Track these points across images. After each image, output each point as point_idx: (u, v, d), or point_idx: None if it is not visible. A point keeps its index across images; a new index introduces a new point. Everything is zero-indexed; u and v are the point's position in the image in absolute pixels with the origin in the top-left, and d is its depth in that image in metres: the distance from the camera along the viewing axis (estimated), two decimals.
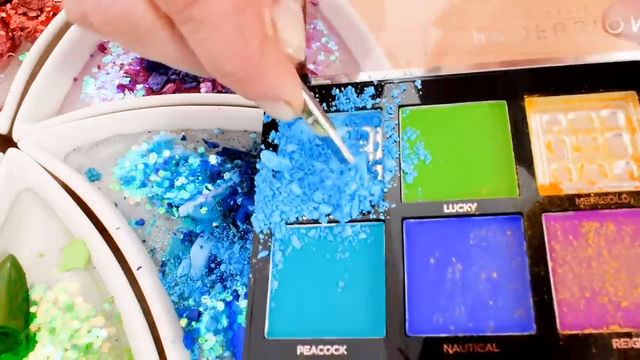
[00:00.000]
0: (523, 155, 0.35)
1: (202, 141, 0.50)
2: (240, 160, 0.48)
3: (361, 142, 0.40)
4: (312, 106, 0.32)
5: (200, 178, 0.47)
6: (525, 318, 0.31)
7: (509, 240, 0.33)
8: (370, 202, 0.36)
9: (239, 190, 0.46)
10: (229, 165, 0.48)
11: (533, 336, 0.31)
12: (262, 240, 0.37)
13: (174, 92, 0.52)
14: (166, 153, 0.48)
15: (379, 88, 0.40)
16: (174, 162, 0.48)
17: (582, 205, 0.33)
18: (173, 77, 0.53)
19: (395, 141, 0.38)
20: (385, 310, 0.33)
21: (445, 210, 0.35)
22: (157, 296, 0.43)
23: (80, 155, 0.50)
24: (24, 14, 0.55)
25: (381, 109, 0.39)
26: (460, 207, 0.34)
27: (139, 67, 0.54)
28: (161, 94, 0.52)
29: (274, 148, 0.40)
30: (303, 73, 0.41)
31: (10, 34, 0.55)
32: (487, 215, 0.34)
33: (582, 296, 0.31)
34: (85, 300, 0.45)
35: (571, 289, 0.32)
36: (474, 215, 0.34)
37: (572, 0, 0.40)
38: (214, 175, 0.47)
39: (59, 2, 0.56)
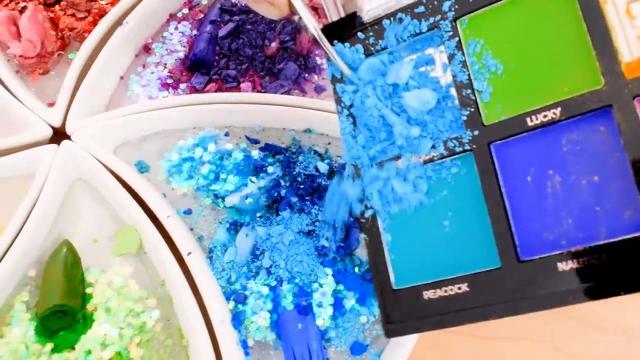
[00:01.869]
0: (599, 34, 0.31)
1: (244, 137, 0.53)
2: (281, 155, 0.51)
3: (429, 68, 0.38)
4: (300, 6, 0.35)
5: (244, 171, 0.50)
6: (636, 218, 0.29)
7: (603, 138, 0.30)
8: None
9: (282, 182, 0.49)
10: (270, 160, 0.51)
11: None
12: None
13: (215, 92, 0.55)
14: (211, 147, 0.51)
15: (429, 5, 0.37)
16: (218, 156, 0.51)
17: None
18: (215, 77, 0.56)
19: (460, 62, 0.36)
20: (495, 240, 0.33)
21: (530, 123, 0.32)
22: (207, 280, 0.47)
23: (129, 148, 0.53)
24: (73, 15, 0.58)
25: (438, 27, 0.36)
26: (544, 116, 0.32)
27: (182, 67, 0.57)
28: (203, 92, 0.56)
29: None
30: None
31: (59, 33, 0.58)
32: (574, 117, 0.31)
33: None
34: (138, 283, 0.48)
35: None
36: (560, 120, 0.31)
37: None
38: (257, 169, 0.50)
39: (105, 4, 0.59)
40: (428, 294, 0.34)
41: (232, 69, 0.56)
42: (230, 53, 0.57)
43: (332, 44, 0.40)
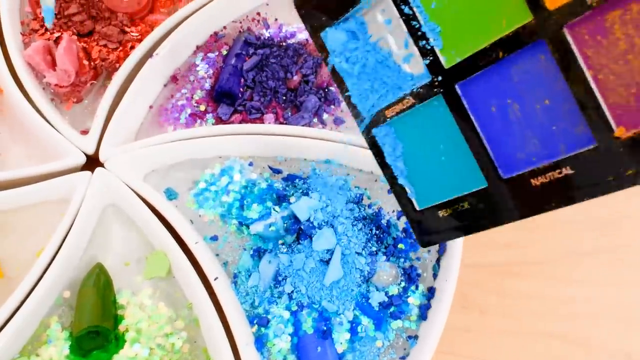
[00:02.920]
0: None
1: (268, 167, 0.56)
2: (303, 185, 0.54)
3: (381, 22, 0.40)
4: None
5: (267, 200, 0.53)
6: (585, 132, 0.32)
7: (545, 65, 0.33)
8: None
9: None
10: (292, 190, 0.54)
11: (596, 148, 0.31)
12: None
13: (240, 122, 0.59)
14: (237, 177, 0.54)
15: None
16: (243, 185, 0.54)
17: (595, 1, 0.30)
18: (239, 108, 0.59)
19: (409, 15, 0.38)
20: (478, 165, 0.37)
21: (480, 63, 0.35)
22: (232, 304, 0.49)
23: (158, 176, 0.56)
24: (105, 45, 0.62)
25: None
26: (489, 55, 0.34)
27: (208, 98, 0.60)
28: (229, 123, 0.59)
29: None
30: None
31: (92, 63, 0.61)
32: (514, 52, 0.33)
33: (630, 94, 0.30)
34: (167, 306, 0.51)
35: (616, 90, 0.30)
36: (504, 57, 0.34)
37: None
38: (280, 198, 0.53)
39: (136, 36, 0.62)
40: (441, 212, 0.40)
41: (256, 101, 0.59)
42: (255, 85, 0.60)
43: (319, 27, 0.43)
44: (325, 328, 0.49)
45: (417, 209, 0.42)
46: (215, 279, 0.50)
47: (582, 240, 0.59)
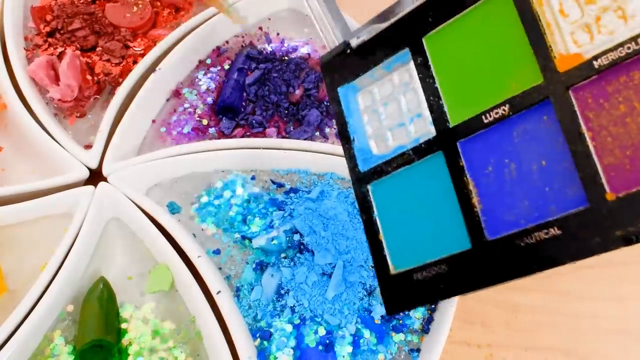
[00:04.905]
0: (535, 34, 0.35)
1: (270, 181, 0.57)
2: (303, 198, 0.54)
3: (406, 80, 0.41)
4: None
5: (269, 214, 0.54)
6: (578, 194, 0.33)
7: (547, 126, 0.34)
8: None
9: None
10: (294, 203, 0.54)
11: (587, 209, 0.32)
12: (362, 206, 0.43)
13: (242, 136, 0.59)
14: (239, 190, 0.55)
15: (396, 28, 0.41)
16: (245, 198, 0.55)
17: (602, 67, 0.32)
18: (242, 122, 0.60)
19: (428, 76, 0.40)
20: (465, 225, 0.37)
21: (485, 121, 0.37)
22: (235, 318, 0.50)
23: (161, 190, 0.56)
24: (108, 60, 0.62)
25: (405, 47, 0.40)
26: (496, 113, 0.36)
27: (210, 112, 0.61)
28: (231, 137, 0.59)
29: None
30: None
31: (95, 78, 0.61)
32: (521, 111, 0.35)
33: (625, 156, 0.32)
34: (170, 319, 0.51)
35: (613, 152, 0.32)
36: (509, 116, 0.36)
37: None
38: (282, 211, 0.54)
39: (139, 51, 0.63)
40: (417, 275, 0.39)
41: (258, 115, 0.60)
42: (257, 99, 0.61)
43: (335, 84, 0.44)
44: (327, 341, 0.49)
45: (392, 272, 0.41)
46: (217, 293, 0.50)
47: None
